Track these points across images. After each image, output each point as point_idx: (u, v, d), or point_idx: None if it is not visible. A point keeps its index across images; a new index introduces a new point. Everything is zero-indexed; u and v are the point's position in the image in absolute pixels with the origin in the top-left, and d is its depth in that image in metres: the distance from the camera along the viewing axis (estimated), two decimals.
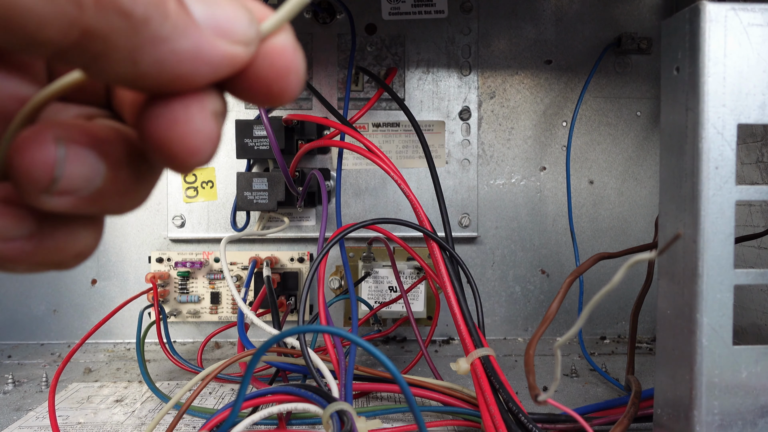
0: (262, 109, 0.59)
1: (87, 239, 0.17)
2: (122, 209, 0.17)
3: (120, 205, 0.17)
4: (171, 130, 0.15)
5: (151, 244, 0.71)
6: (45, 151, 0.15)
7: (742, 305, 0.58)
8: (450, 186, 0.71)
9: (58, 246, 0.17)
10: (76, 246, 0.17)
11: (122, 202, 0.17)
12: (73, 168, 0.15)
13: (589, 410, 0.45)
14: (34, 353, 0.67)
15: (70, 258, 0.17)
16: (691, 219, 0.33)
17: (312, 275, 0.46)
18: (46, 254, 0.16)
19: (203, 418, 0.46)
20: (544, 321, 0.38)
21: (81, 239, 0.17)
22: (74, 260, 0.17)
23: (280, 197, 0.63)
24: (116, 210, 0.17)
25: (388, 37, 0.70)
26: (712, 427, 0.33)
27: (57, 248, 0.17)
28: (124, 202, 0.17)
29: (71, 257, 0.17)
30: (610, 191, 0.73)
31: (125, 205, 0.17)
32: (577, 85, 0.71)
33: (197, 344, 0.69)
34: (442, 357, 0.66)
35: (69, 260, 0.17)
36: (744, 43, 0.32)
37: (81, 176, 0.15)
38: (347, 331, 0.23)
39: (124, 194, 0.16)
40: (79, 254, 0.17)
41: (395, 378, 0.24)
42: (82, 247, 0.17)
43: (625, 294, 0.73)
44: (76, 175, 0.15)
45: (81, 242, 0.17)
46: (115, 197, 0.16)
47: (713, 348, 0.33)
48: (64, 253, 0.17)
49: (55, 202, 0.15)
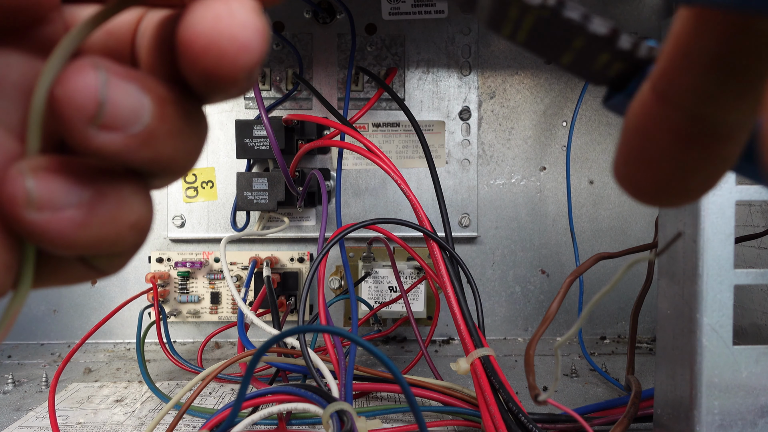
0: (263, 109, 0.59)
1: (140, 207, 0.16)
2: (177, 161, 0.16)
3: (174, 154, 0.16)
4: (217, 27, 0.14)
5: (151, 244, 0.70)
6: (86, 76, 0.14)
7: (742, 305, 0.58)
8: (450, 186, 0.71)
9: (111, 215, 0.15)
10: (131, 214, 0.16)
11: (176, 149, 0.16)
12: (117, 94, 0.14)
13: (589, 410, 0.45)
14: (34, 353, 0.67)
15: (126, 230, 0.16)
16: (691, 219, 0.33)
17: (312, 275, 0.46)
18: (100, 226, 0.15)
19: (203, 418, 0.46)
20: (544, 321, 0.38)
21: (134, 206, 0.16)
22: (131, 233, 0.16)
23: (280, 197, 0.63)
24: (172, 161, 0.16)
25: (388, 37, 0.70)
26: (712, 427, 0.33)
27: (111, 218, 0.15)
28: (178, 148, 0.16)
29: (127, 229, 0.16)
30: (610, 191, 0.73)
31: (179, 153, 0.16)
32: (577, 85, 0.71)
33: (197, 344, 0.69)
34: (442, 357, 0.66)
35: (125, 233, 0.16)
36: None
37: (127, 105, 0.14)
38: (347, 330, 0.23)
39: (176, 137, 0.15)
40: (134, 225, 0.16)
41: (395, 377, 0.24)
42: (137, 216, 0.16)
43: (625, 294, 0.73)
44: (122, 104, 0.14)
45: (135, 210, 0.16)
46: (168, 140, 0.15)
47: (713, 348, 0.33)
48: (118, 223, 0.15)
49: (104, 138, 0.14)
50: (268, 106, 0.68)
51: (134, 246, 0.16)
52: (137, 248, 0.17)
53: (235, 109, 0.70)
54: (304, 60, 0.69)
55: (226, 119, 0.69)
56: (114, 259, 0.17)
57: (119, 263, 0.17)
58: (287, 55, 0.69)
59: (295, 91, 0.69)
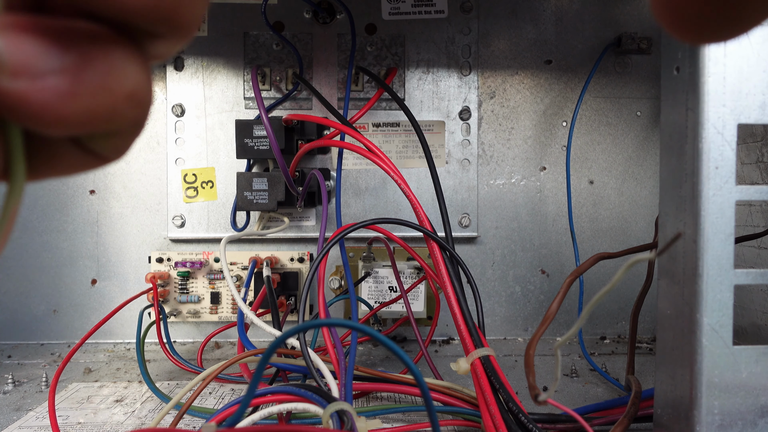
0: (263, 109, 0.59)
1: (136, 74, 0.14)
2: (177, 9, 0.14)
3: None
4: None
5: (151, 244, 0.71)
6: None
7: (742, 305, 0.58)
8: (450, 186, 0.71)
9: (102, 82, 0.13)
10: (126, 82, 0.14)
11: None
12: None
13: (589, 410, 0.45)
14: (34, 353, 0.67)
15: (122, 101, 0.14)
16: (691, 219, 0.33)
17: (312, 275, 0.46)
18: (91, 96, 0.13)
19: (203, 418, 0.46)
20: (544, 321, 0.38)
21: (129, 73, 0.14)
22: (128, 105, 0.14)
23: (280, 197, 0.63)
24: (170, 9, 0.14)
25: (388, 37, 0.70)
26: (712, 427, 0.33)
27: (102, 86, 0.13)
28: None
29: (123, 99, 0.14)
30: (610, 191, 0.73)
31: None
32: (577, 85, 0.71)
33: (197, 344, 0.69)
34: (442, 357, 0.66)
35: (122, 105, 0.14)
36: (744, 42, 0.32)
37: None
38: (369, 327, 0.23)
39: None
40: (131, 95, 0.14)
41: (410, 369, 0.24)
42: (132, 85, 0.14)
43: (625, 294, 0.73)
44: None
45: (130, 78, 0.14)
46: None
47: (713, 348, 0.33)
48: (112, 92, 0.13)
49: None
50: (268, 106, 0.68)
51: (134, 122, 0.15)
52: (138, 126, 0.15)
53: (235, 109, 0.70)
54: (304, 60, 0.69)
55: (226, 119, 0.69)
56: (114, 140, 0.15)
57: (121, 145, 0.15)
58: (287, 55, 0.69)
59: (295, 91, 0.69)
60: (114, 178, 0.70)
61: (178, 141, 0.69)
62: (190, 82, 0.69)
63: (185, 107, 0.69)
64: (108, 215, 0.70)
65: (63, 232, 0.70)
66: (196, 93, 0.69)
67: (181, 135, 0.69)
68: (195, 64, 0.69)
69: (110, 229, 0.70)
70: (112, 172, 0.70)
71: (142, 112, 0.15)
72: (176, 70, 0.69)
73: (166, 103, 0.69)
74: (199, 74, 0.69)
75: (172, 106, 0.69)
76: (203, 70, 0.69)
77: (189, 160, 0.69)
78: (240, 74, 0.69)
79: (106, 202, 0.70)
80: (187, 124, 0.69)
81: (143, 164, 0.70)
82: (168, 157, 0.69)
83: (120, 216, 0.70)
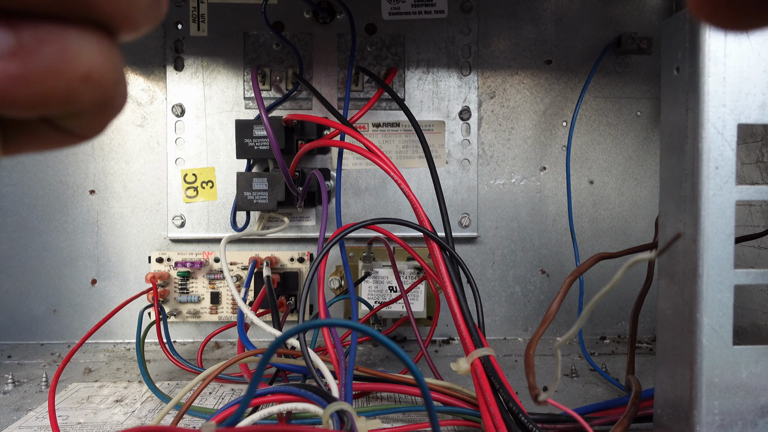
0: (263, 109, 0.59)
1: (92, 55, 0.14)
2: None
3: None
4: None
5: (151, 244, 0.71)
6: None
7: (742, 305, 0.58)
8: (450, 186, 0.71)
9: (53, 64, 0.13)
10: (80, 64, 0.13)
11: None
12: None
13: (589, 410, 0.45)
14: (34, 353, 0.67)
15: (77, 83, 0.13)
16: (691, 219, 0.33)
17: (312, 275, 0.46)
18: (41, 79, 0.13)
19: (203, 418, 0.46)
20: (544, 321, 0.38)
21: (84, 54, 0.13)
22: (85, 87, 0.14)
23: (280, 197, 0.63)
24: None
25: (388, 37, 0.70)
26: (712, 427, 0.33)
27: (53, 68, 0.13)
28: None
29: (78, 81, 0.13)
30: (610, 191, 0.73)
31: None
32: (577, 85, 0.71)
33: (197, 344, 0.69)
34: (442, 357, 0.66)
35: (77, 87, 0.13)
36: (744, 43, 0.32)
37: None
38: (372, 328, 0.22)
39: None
40: (87, 76, 0.13)
41: (410, 369, 0.24)
42: (87, 66, 0.13)
43: (625, 294, 0.73)
44: None
45: (85, 59, 0.13)
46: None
47: (713, 348, 0.33)
48: (65, 74, 0.13)
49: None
50: (268, 106, 0.68)
51: (97, 103, 0.14)
52: (107, 106, 0.15)
53: (235, 109, 0.70)
54: (304, 60, 0.69)
55: (226, 119, 0.69)
56: (82, 120, 0.15)
57: (94, 124, 0.15)
58: (287, 55, 0.69)
59: (295, 91, 0.69)
60: (114, 178, 0.70)
61: (178, 141, 0.69)
62: (190, 82, 0.69)
63: (185, 107, 0.69)
64: (108, 215, 0.70)
65: (63, 232, 0.70)
66: (196, 93, 0.69)
67: (181, 135, 0.69)
68: (195, 64, 0.69)
69: (110, 229, 0.70)
70: (112, 172, 0.70)
71: (104, 94, 0.14)
72: (176, 70, 0.69)
73: (166, 103, 0.69)
74: (199, 74, 0.69)
75: (172, 106, 0.69)
76: (203, 70, 0.69)
77: (189, 160, 0.69)
78: (240, 74, 0.69)
79: (106, 202, 0.70)
80: (187, 124, 0.69)
81: (143, 164, 0.70)
82: (168, 157, 0.69)
83: (120, 216, 0.70)
